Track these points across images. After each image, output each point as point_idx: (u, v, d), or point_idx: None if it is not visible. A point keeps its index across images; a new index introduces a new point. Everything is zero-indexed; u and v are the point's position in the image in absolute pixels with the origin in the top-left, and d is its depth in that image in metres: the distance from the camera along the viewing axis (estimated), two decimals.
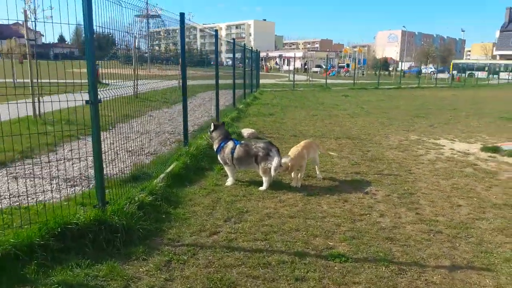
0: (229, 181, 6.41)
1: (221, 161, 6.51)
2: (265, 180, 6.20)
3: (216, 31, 10.84)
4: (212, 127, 6.58)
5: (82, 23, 3.95)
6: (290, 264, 3.91)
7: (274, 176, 6.22)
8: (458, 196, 6.08)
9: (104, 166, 4.54)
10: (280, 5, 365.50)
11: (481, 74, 62.94)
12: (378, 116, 15.47)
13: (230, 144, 6.40)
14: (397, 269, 3.88)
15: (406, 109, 18.02)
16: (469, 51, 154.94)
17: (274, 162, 6.00)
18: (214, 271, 3.77)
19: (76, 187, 6.10)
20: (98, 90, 4.16)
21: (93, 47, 4.03)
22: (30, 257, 3.59)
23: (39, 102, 10.77)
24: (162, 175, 6.22)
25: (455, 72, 59.20)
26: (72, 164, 7.25)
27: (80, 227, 3.98)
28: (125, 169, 6.72)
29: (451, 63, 68.47)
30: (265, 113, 15.16)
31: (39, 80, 10.80)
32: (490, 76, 60.93)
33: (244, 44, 17.93)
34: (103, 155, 4.41)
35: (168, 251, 4.11)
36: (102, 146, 4.41)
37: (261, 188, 6.17)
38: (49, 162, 6.91)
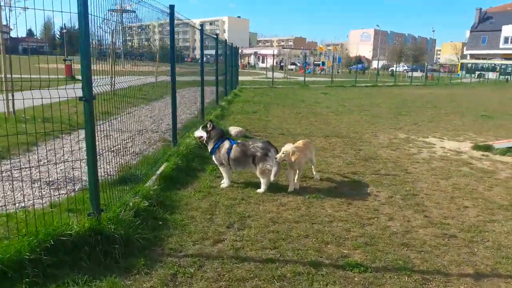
0: (225, 183, 6.07)
1: (216, 162, 6.14)
2: (263, 182, 5.88)
3: (202, 25, 10.45)
4: (210, 126, 6.18)
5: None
6: (307, 276, 3.60)
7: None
8: (462, 197, 5.91)
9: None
10: (253, 2, 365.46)
11: (492, 75, 59.08)
12: (362, 114, 15.36)
13: (226, 143, 6.05)
14: (421, 278, 3.63)
15: (388, 107, 17.99)
16: (439, 50, 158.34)
17: (274, 168, 5.72)
18: (225, 285, 3.43)
19: (61, 191, 5.65)
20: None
21: (89, 40, 3.62)
22: (20, 274, 3.18)
23: (13, 98, 10.14)
24: (153, 177, 5.83)
25: (463, 72, 58.09)
26: (54, 165, 6.76)
27: (74, 239, 3.58)
28: (111, 170, 6.30)
29: (459, 63, 63.28)
30: (248, 110, 14.83)
31: (12, 76, 10.24)
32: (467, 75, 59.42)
33: (226, 40, 17.52)
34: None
35: (172, 263, 3.74)
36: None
37: (259, 191, 5.85)
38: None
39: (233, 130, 9.82)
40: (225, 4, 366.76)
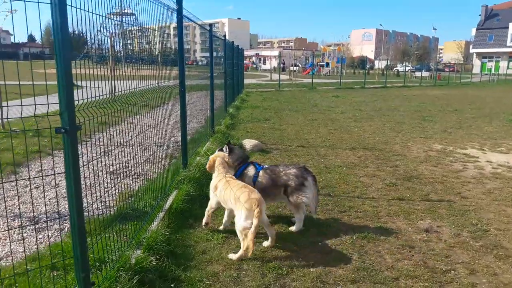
0: None
1: None
2: (297, 218, 4.69)
3: (211, 25, 9.30)
4: (227, 150, 5.00)
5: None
6: None
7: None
8: None
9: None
10: (252, 4, 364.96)
11: None
12: (383, 120, 14.15)
13: (250, 170, 4.87)
14: None
15: (407, 111, 16.75)
16: (442, 49, 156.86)
17: (313, 201, 4.59)
18: None
19: (44, 233, 4.50)
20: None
21: (69, 39, 2.44)
22: None
23: (1, 109, 9.00)
24: (161, 214, 4.67)
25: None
26: (42, 192, 5.61)
27: None
28: (108, 199, 5.16)
29: None
30: (259, 118, 13.66)
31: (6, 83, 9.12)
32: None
33: (233, 42, 16.38)
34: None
35: None
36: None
37: (292, 229, 4.69)
38: (21, 194, 5.27)
39: (248, 143, 8.64)
40: (222, 6, 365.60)
